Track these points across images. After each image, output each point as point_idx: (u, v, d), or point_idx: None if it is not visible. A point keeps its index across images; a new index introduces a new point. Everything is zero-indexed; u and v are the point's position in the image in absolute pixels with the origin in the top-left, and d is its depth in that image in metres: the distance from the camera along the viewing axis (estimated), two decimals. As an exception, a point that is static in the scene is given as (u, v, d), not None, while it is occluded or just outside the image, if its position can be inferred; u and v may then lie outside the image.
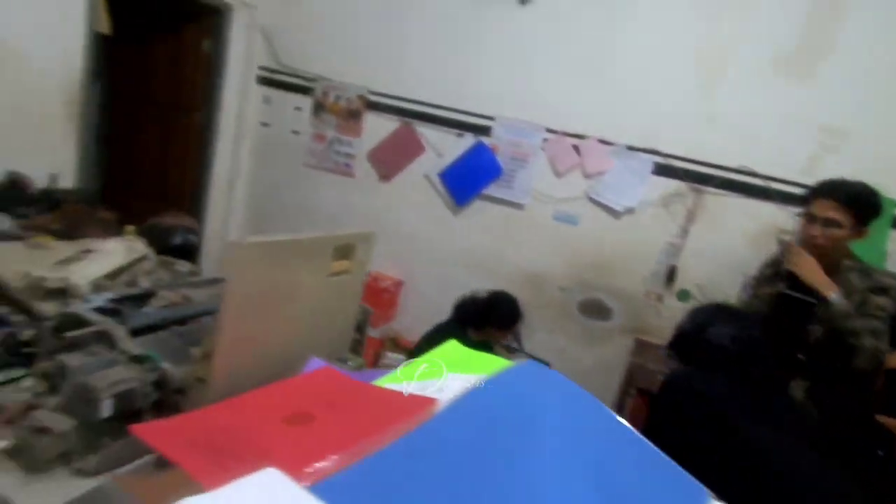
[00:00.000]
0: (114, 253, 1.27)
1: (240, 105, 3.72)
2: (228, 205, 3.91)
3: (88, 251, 1.25)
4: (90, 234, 2.34)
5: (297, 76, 3.65)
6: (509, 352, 2.74)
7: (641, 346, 3.06)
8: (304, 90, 3.64)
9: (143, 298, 1.19)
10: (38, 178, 2.56)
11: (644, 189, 2.98)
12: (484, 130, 3.25)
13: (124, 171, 3.77)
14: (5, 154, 2.36)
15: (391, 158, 3.48)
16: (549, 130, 3.12)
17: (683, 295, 2.98)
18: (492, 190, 3.27)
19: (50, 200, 2.43)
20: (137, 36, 3.53)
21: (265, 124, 3.82)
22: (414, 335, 3.57)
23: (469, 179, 3.28)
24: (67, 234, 2.24)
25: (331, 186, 3.69)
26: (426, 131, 3.39)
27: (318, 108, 3.62)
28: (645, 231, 3.02)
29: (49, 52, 2.53)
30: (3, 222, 2.18)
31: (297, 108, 3.69)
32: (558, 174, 3.14)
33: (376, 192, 3.58)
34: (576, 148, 3.07)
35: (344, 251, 1.12)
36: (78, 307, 1.00)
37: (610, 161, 3.02)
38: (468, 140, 3.28)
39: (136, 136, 3.79)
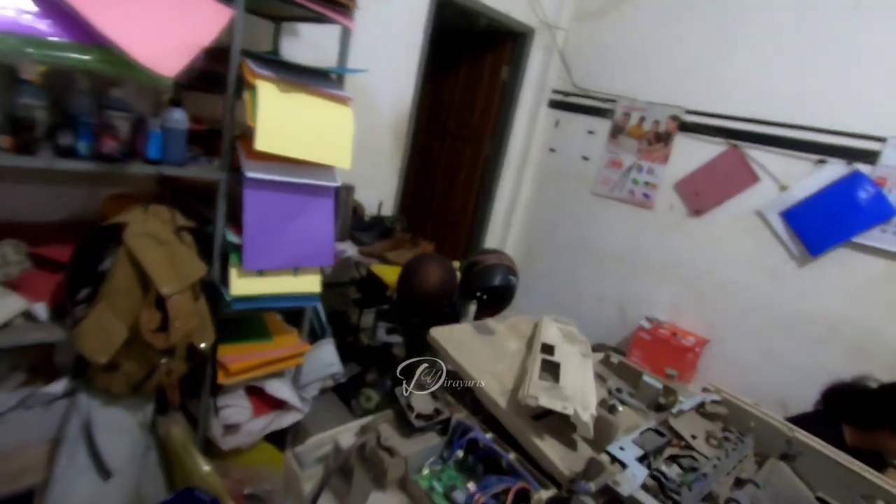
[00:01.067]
0: (583, 369, 1.02)
1: (528, 130, 3.60)
2: (506, 232, 3.83)
3: (552, 362, 1.04)
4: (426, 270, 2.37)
5: (593, 97, 3.34)
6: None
7: None
8: (600, 112, 3.31)
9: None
10: (369, 204, 2.76)
11: None
12: (864, 156, 2.39)
13: (416, 196, 4.01)
14: (355, 184, 2.58)
15: (708, 189, 2.87)
16: None
17: None
18: (868, 237, 2.38)
19: (381, 228, 2.57)
20: (437, 68, 3.72)
21: (553, 150, 3.61)
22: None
23: (834, 221, 2.45)
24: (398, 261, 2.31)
25: (621, 219, 3.26)
26: (763, 156, 2.68)
27: (616, 130, 3.23)
28: None
29: (388, 89, 2.71)
30: (349, 249, 2.35)
31: (590, 132, 3.37)
32: None
33: (681, 230, 3.01)
34: None
35: None
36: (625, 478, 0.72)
37: None
38: (836, 168, 2.46)
39: (428, 163, 4.01)
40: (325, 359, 2.09)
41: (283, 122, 1.40)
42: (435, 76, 3.73)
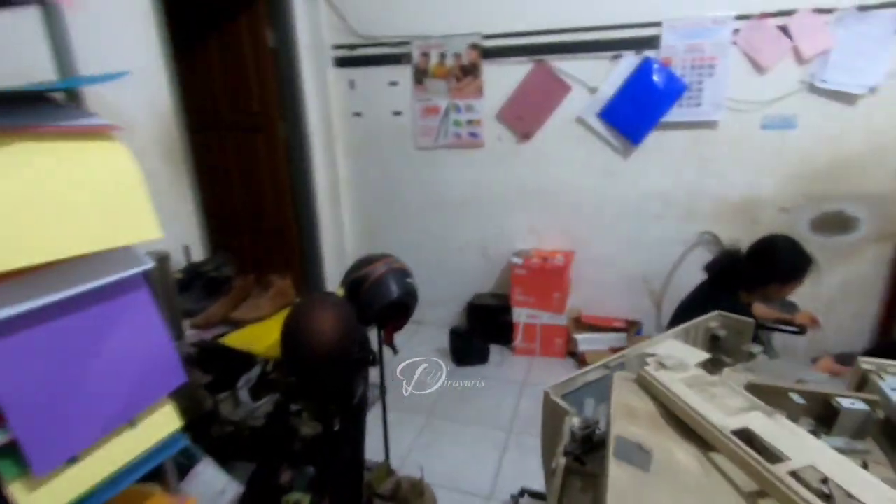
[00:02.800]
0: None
1: (322, 99, 3.08)
2: (338, 220, 3.35)
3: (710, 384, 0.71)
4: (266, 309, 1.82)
5: (383, 44, 2.97)
6: (785, 308, 2.21)
7: (908, 252, 2.49)
8: (395, 59, 2.97)
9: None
10: (174, 251, 2.02)
11: (889, 57, 2.30)
12: (649, 43, 2.56)
13: (220, 218, 3.21)
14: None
15: (529, 110, 2.84)
16: (740, 17, 2.42)
17: (959, 176, 2.36)
18: (672, 115, 2.62)
19: (204, 281, 1.91)
20: (182, 44, 2.88)
21: (358, 114, 3.18)
22: (597, 308, 3.06)
23: (643, 109, 2.63)
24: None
25: (456, 166, 3.09)
26: (568, 65, 2.72)
27: (420, 75, 2.95)
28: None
29: (134, 88, 1.92)
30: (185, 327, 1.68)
31: (393, 84, 3.03)
32: (761, 70, 2.47)
33: (516, 157, 2.97)
34: (782, 30, 2.38)
35: None
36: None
37: (832, 35, 2.33)
38: (629, 61, 2.60)
39: (214, 166, 3.20)
40: (213, 486, 1.50)
41: (9, 209, 0.75)
42: (182, 56, 2.88)
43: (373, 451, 1.89)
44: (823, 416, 0.92)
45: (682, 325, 1.45)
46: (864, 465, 0.79)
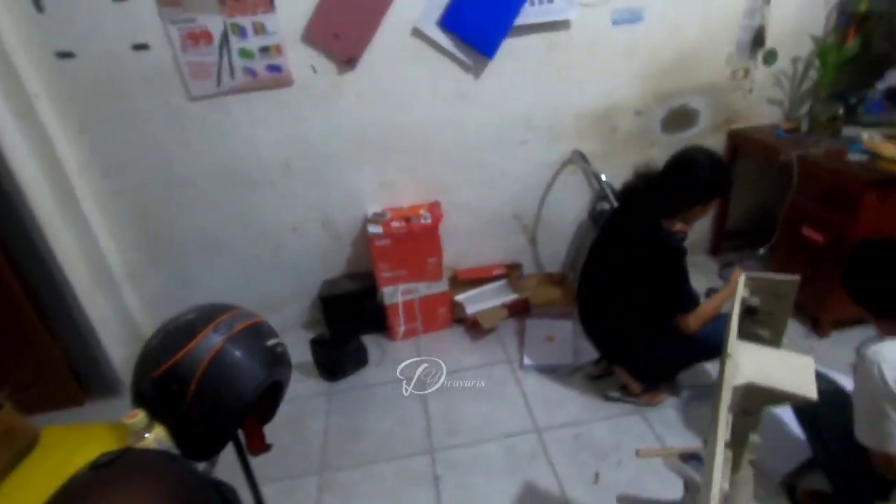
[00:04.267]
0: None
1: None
2: (87, 231, 2.15)
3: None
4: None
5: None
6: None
7: (735, 139, 2.61)
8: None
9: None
10: None
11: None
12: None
13: None
14: None
15: (346, 25, 2.05)
16: None
17: (770, 56, 2.47)
18: (523, 17, 2.15)
19: None
20: None
21: (67, 54, 1.94)
22: (471, 259, 2.65)
23: (491, 11, 2.09)
24: None
25: (259, 115, 2.17)
26: (387, -44, 1.98)
27: (165, -20, 1.87)
28: (724, -7, 2.31)
29: None
30: None
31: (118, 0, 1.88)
32: (608, -47, 2.13)
33: (343, 93, 2.19)
34: None
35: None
36: None
37: None
38: (467, -55, 2.00)
39: None
40: None
41: None
42: None
43: None
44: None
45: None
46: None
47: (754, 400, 0.80)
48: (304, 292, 2.56)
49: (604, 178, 2.38)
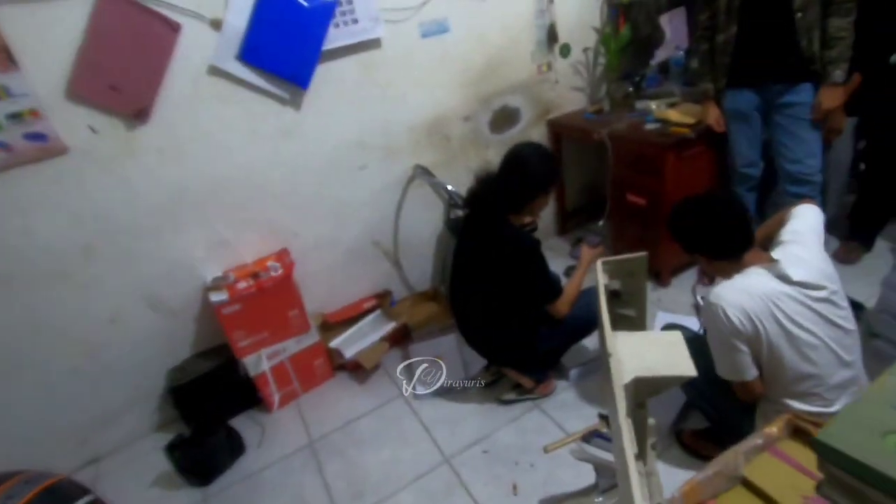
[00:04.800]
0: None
1: None
2: None
3: None
4: None
5: None
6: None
7: (554, 127, 2.83)
8: None
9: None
10: None
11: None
12: (264, -58, 1.82)
13: None
14: None
15: (123, 73, 1.74)
16: None
17: (565, 49, 2.71)
18: (332, 41, 2.04)
19: None
20: None
21: None
22: (338, 299, 2.49)
23: (295, 39, 1.94)
24: None
25: (28, 201, 1.74)
26: (155, -10, 1.72)
27: None
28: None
29: None
30: None
31: None
32: (398, -31, 2.13)
33: (139, 150, 1.86)
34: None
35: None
36: None
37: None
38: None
39: None
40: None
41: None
42: None
43: None
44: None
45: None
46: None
47: (643, 392, 0.80)
48: (148, 390, 2.14)
49: (450, 187, 2.39)
